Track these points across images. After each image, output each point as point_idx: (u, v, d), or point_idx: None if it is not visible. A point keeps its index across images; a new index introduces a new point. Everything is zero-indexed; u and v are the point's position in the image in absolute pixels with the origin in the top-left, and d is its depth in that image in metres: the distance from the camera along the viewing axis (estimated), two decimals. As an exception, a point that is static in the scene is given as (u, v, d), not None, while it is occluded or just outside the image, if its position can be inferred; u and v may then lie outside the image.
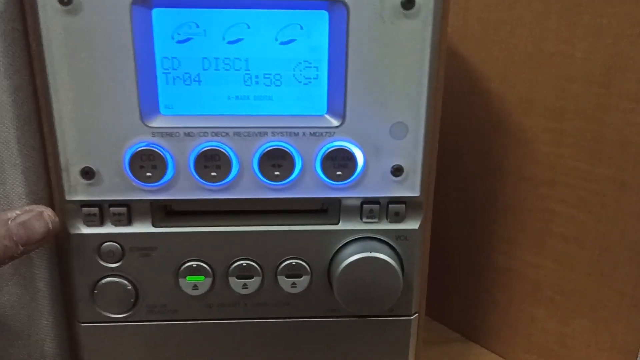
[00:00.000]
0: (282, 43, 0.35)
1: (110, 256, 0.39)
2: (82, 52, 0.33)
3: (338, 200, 0.39)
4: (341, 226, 0.39)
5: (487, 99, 0.49)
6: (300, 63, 0.36)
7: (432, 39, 0.35)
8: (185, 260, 0.39)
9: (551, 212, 0.49)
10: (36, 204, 0.37)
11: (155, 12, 0.34)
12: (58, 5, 0.32)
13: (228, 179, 0.37)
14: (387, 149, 0.37)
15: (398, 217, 0.39)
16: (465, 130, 0.51)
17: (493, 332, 0.55)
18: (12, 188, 0.37)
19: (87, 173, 0.36)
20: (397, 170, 0.38)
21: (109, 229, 0.38)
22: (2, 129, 0.35)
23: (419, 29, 0.34)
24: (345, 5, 0.34)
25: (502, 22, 0.47)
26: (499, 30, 0.47)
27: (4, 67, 0.34)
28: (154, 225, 0.39)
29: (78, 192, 0.37)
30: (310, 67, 0.36)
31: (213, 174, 0.36)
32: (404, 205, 0.39)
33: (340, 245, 0.40)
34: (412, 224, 0.40)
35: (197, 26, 0.35)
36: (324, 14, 0.35)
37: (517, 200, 0.50)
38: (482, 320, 0.56)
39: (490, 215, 0.52)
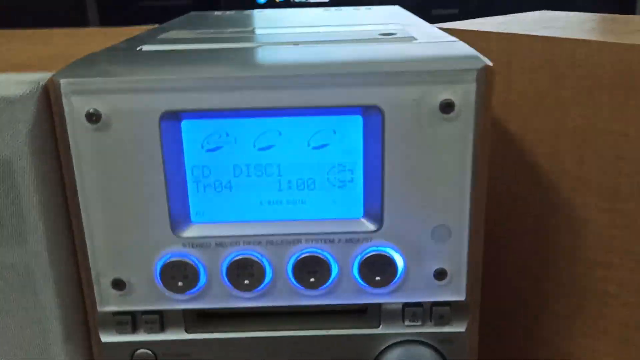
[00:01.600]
0: (315, 148, 0.34)
1: (144, 364, 0.37)
2: (112, 167, 0.33)
3: (378, 304, 0.37)
4: (382, 330, 0.37)
5: (536, 175, 0.47)
6: (334, 167, 0.34)
7: (474, 140, 0.33)
8: (221, 367, 0.38)
9: (609, 296, 0.45)
10: (68, 312, 0.37)
11: (185, 124, 0.33)
12: (87, 124, 0.32)
13: (261, 287, 0.35)
14: (429, 252, 0.35)
15: (443, 320, 0.37)
16: (514, 206, 0.49)
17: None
18: (45, 298, 0.36)
19: (118, 284, 0.35)
20: (440, 274, 0.35)
21: (141, 336, 0.37)
22: (32, 240, 0.35)
23: (459, 132, 0.32)
24: (380, 110, 0.32)
25: (547, 94, 0.44)
26: (544, 104, 0.45)
27: (34, 183, 0.33)
28: (187, 332, 0.37)
29: (110, 302, 0.36)
30: (344, 170, 0.34)
31: (246, 282, 0.35)
32: (448, 308, 0.37)
33: (382, 349, 0.38)
34: (458, 327, 0.37)
35: (227, 135, 0.33)
36: (358, 119, 0.33)
37: (572, 281, 0.47)
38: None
39: (545, 296, 0.49)
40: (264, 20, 0.59)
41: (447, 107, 0.32)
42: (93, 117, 0.32)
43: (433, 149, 0.33)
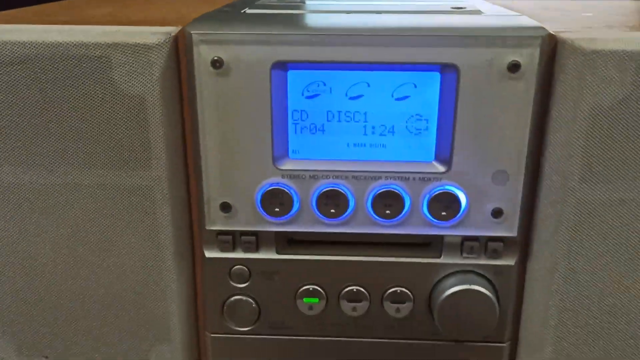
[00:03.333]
0: (398, 99, 0.40)
1: (239, 278, 0.44)
2: (228, 107, 0.39)
3: (440, 237, 0.43)
4: (443, 260, 0.44)
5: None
6: (413, 116, 0.40)
7: (535, 98, 0.38)
8: (303, 284, 0.44)
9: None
10: (179, 230, 0.44)
11: (290, 73, 0.39)
12: (211, 69, 0.38)
13: (344, 216, 0.42)
14: (489, 193, 0.41)
15: (496, 254, 0.43)
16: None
17: None
18: (161, 216, 0.43)
19: (225, 207, 0.42)
20: (497, 213, 0.41)
21: (239, 254, 0.44)
22: (156, 167, 0.41)
23: (522, 90, 0.38)
24: (457, 68, 0.38)
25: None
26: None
27: (161, 118, 0.40)
28: (278, 253, 0.44)
29: (216, 222, 0.43)
30: (421, 119, 0.40)
31: (332, 210, 0.42)
32: (502, 244, 0.43)
33: (441, 276, 0.44)
34: (508, 261, 0.43)
35: (324, 84, 0.40)
36: (436, 75, 0.39)
37: None
38: None
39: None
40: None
41: (514, 67, 0.38)
42: (217, 64, 0.38)
43: (499, 104, 0.39)
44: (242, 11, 0.45)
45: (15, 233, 0.44)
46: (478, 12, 0.45)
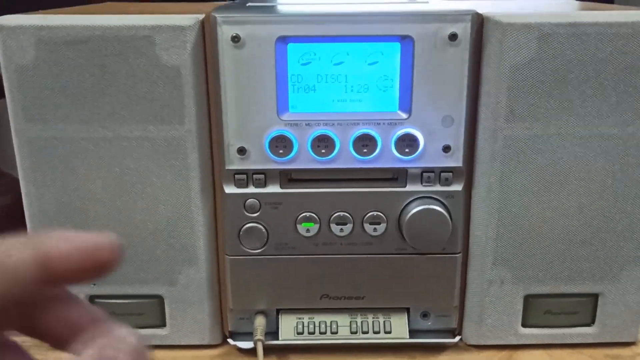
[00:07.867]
0: (370, 64, 0.54)
1: (252, 208, 0.57)
2: (243, 72, 0.53)
3: (405, 170, 0.57)
4: (408, 188, 0.57)
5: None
6: (381, 77, 0.54)
7: (469, 60, 0.53)
8: (301, 212, 0.57)
9: None
10: (204, 172, 0.56)
11: (290, 45, 0.53)
12: (231, 43, 0.52)
13: (332, 155, 0.55)
14: (440, 133, 0.55)
15: (447, 182, 0.57)
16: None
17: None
18: (190, 160, 0.56)
19: (242, 151, 0.55)
20: (446, 148, 0.55)
21: (251, 189, 0.57)
22: (187, 121, 0.54)
23: (460, 54, 0.52)
24: (412, 38, 0.52)
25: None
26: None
27: (191, 82, 0.53)
28: (281, 188, 0.57)
29: (234, 163, 0.56)
30: (387, 79, 0.54)
31: (322, 151, 0.55)
32: (451, 174, 0.57)
33: (407, 201, 0.57)
34: (456, 187, 0.57)
35: (315, 54, 0.53)
36: (397, 45, 0.53)
37: None
38: None
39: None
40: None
41: (453, 37, 0.52)
42: (235, 39, 0.52)
43: (444, 65, 0.53)
44: (248, 5, 0.58)
45: (72, 177, 0.56)
46: (426, 3, 0.59)
